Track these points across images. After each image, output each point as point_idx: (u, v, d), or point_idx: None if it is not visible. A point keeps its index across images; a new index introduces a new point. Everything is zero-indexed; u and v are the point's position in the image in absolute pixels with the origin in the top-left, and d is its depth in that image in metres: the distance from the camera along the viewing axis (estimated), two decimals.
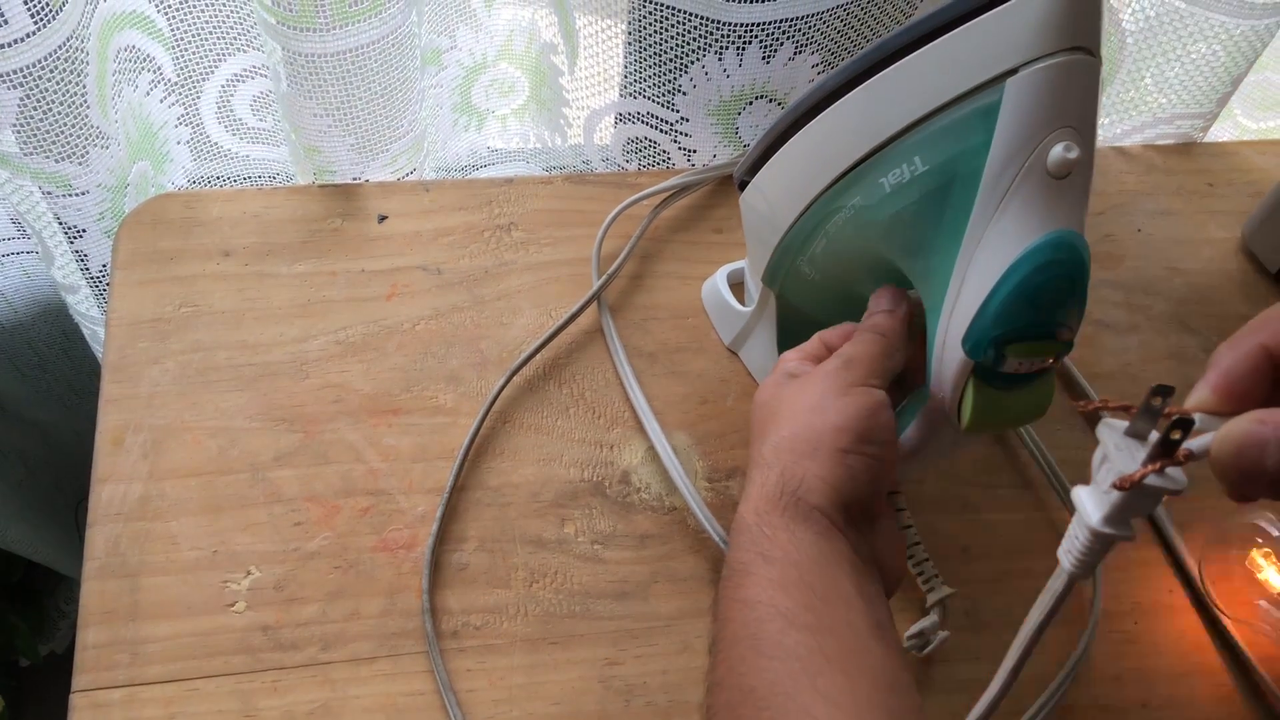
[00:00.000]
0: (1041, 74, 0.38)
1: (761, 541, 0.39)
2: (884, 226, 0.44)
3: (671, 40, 0.61)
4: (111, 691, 0.48)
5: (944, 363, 0.42)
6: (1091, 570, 0.36)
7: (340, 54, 0.56)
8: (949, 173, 0.40)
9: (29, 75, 0.52)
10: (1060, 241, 0.39)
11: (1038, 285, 0.39)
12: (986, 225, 0.40)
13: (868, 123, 0.43)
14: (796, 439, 0.41)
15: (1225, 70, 0.69)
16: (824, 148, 0.45)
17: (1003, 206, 0.39)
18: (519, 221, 0.64)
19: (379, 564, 0.52)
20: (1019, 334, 0.40)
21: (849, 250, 0.47)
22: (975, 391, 0.42)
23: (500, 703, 0.50)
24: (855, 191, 0.44)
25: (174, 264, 0.60)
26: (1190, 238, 0.70)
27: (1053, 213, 0.39)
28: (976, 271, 0.40)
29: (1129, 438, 0.35)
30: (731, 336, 0.60)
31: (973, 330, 0.40)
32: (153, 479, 0.53)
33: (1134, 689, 0.53)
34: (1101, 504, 0.34)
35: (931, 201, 0.41)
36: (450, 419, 0.57)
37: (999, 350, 0.40)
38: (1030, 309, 0.39)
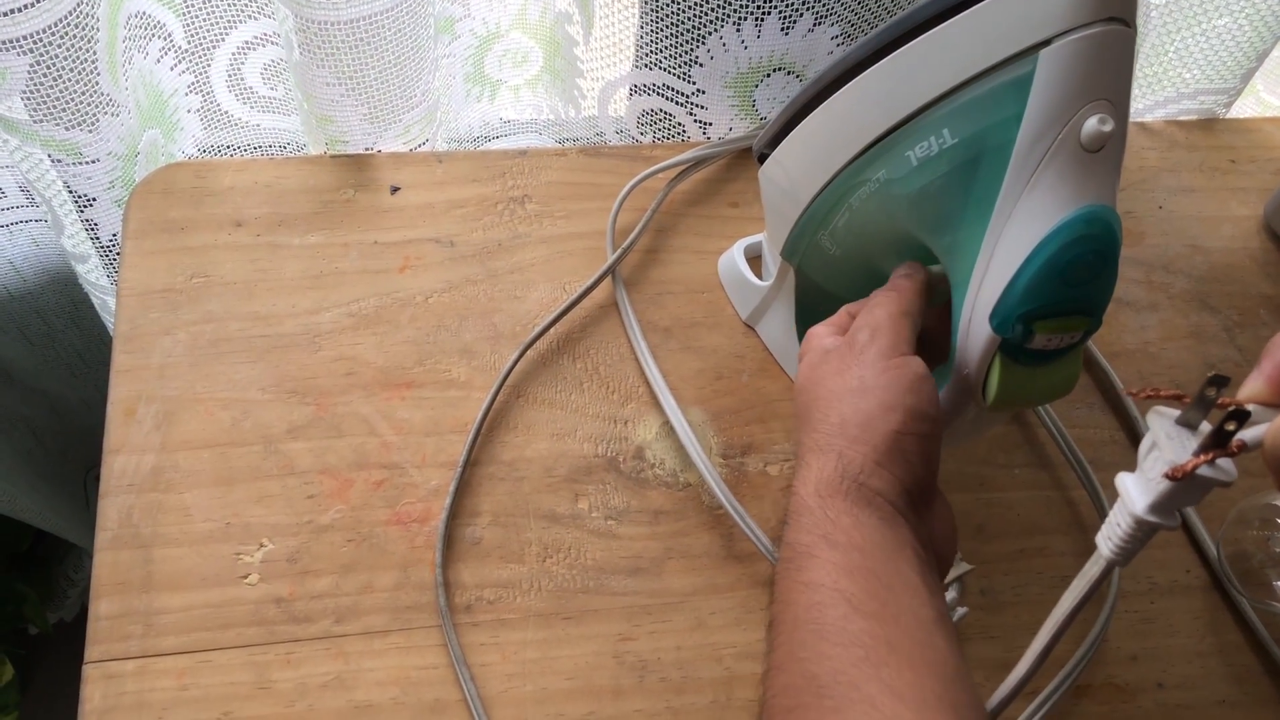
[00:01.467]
0: (1076, 45, 0.37)
1: (824, 524, 0.38)
2: (910, 200, 0.43)
3: (689, 11, 0.60)
4: (124, 663, 0.48)
5: (970, 338, 0.42)
6: (1131, 558, 0.36)
7: (353, 21, 0.55)
8: (979, 146, 0.40)
9: (39, 41, 0.51)
10: (1093, 216, 0.38)
11: (1069, 261, 0.38)
12: (1017, 199, 0.39)
13: (895, 94, 0.42)
14: (847, 424, 0.40)
15: (1250, 45, 0.68)
16: (849, 120, 0.44)
17: (1034, 180, 0.38)
18: (532, 194, 0.63)
19: (392, 537, 0.52)
20: (1048, 310, 0.39)
21: (872, 225, 0.46)
22: (1001, 368, 0.41)
23: (513, 677, 0.49)
24: (881, 165, 0.43)
25: (185, 234, 0.59)
26: (1212, 215, 0.69)
27: (1085, 186, 0.38)
28: (1006, 246, 0.39)
29: (1180, 427, 0.34)
30: (749, 311, 0.60)
31: (1000, 306, 0.40)
32: (165, 450, 0.53)
33: (1150, 668, 0.53)
34: (1148, 492, 0.34)
35: (960, 175, 0.40)
36: (464, 393, 0.56)
37: (1027, 326, 0.39)
38: (1061, 285, 0.39)
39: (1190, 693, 0.53)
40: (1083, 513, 0.57)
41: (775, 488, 0.56)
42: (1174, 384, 0.62)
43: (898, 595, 0.36)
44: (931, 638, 0.35)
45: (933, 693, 0.33)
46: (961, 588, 0.52)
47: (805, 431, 0.42)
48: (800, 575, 0.38)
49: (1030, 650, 0.38)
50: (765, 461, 0.56)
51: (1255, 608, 0.55)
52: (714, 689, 0.50)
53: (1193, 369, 0.62)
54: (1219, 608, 0.55)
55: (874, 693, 0.33)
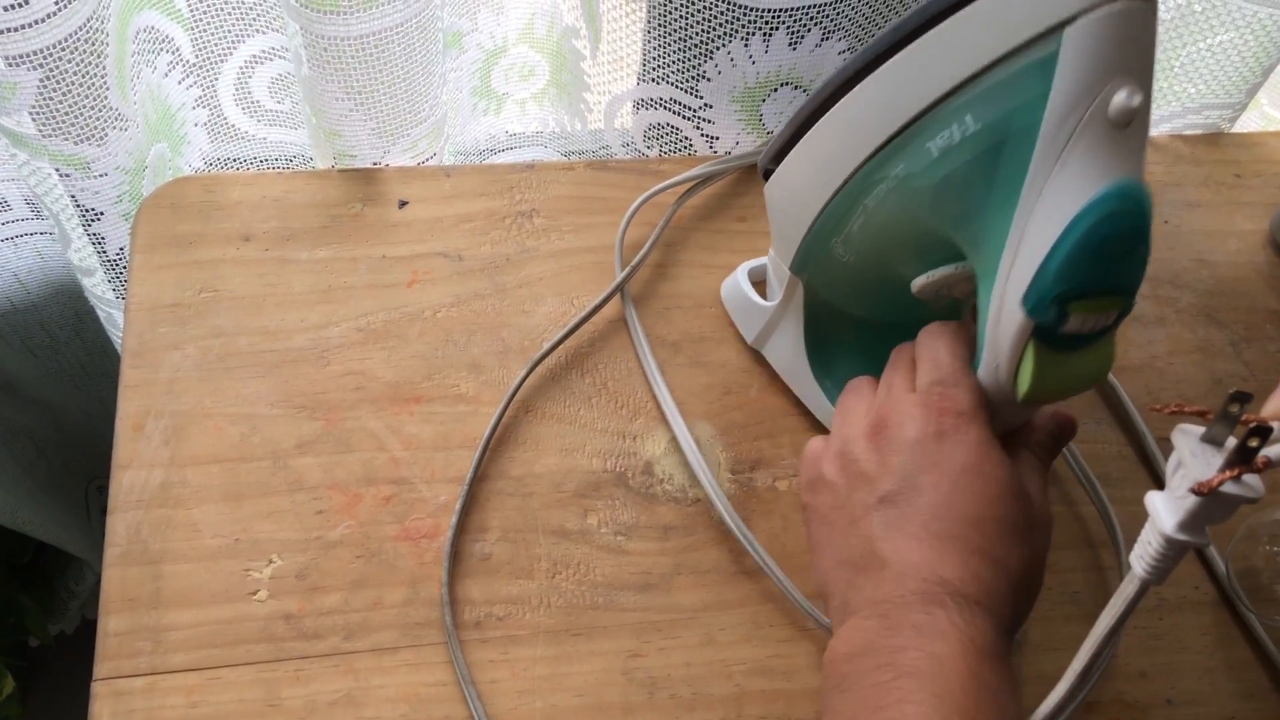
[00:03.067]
0: (1101, 20, 0.36)
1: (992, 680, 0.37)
2: (931, 193, 0.42)
3: (696, 26, 0.60)
4: (133, 680, 0.48)
5: (1000, 328, 0.40)
6: (1165, 576, 0.36)
7: (363, 37, 0.55)
8: (1004, 129, 0.39)
9: (49, 56, 0.51)
10: (1125, 191, 0.37)
11: (1103, 236, 0.37)
12: (1046, 179, 0.38)
13: (912, 87, 0.41)
14: (969, 533, 0.39)
15: (1255, 60, 0.68)
16: (862, 119, 0.44)
17: (1063, 159, 0.37)
18: (540, 208, 0.63)
19: (401, 553, 0.52)
20: (1083, 290, 0.38)
21: (890, 224, 0.45)
22: (1035, 356, 0.40)
23: (523, 694, 0.49)
24: (899, 160, 0.43)
25: (193, 248, 0.59)
26: (1217, 229, 0.69)
27: (1115, 162, 0.37)
28: (1036, 227, 0.38)
29: (1205, 444, 0.34)
30: (755, 334, 0.59)
31: (1034, 288, 0.39)
32: (174, 466, 0.53)
33: (1159, 684, 0.53)
34: (1176, 510, 0.34)
35: (984, 161, 0.40)
36: (472, 407, 0.56)
37: (1062, 308, 0.38)
38: (1096, 262, 0.38)
39: (1199, 709, 0.53)
40: (1091, 528, 0.57)
41: (784, 503, 0.56)
42: (1182, 399, 0.62)
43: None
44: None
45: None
46: None
47: (909, 508, 0.41)
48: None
49: (1070, 670, 0.38)
50: (774, 476, 0.56)
51: (1264, 624, 0.55)
52: (724, 706, 0.50)
53: (1200, 384, 0.62)
54: (1228, 623, 0.55)
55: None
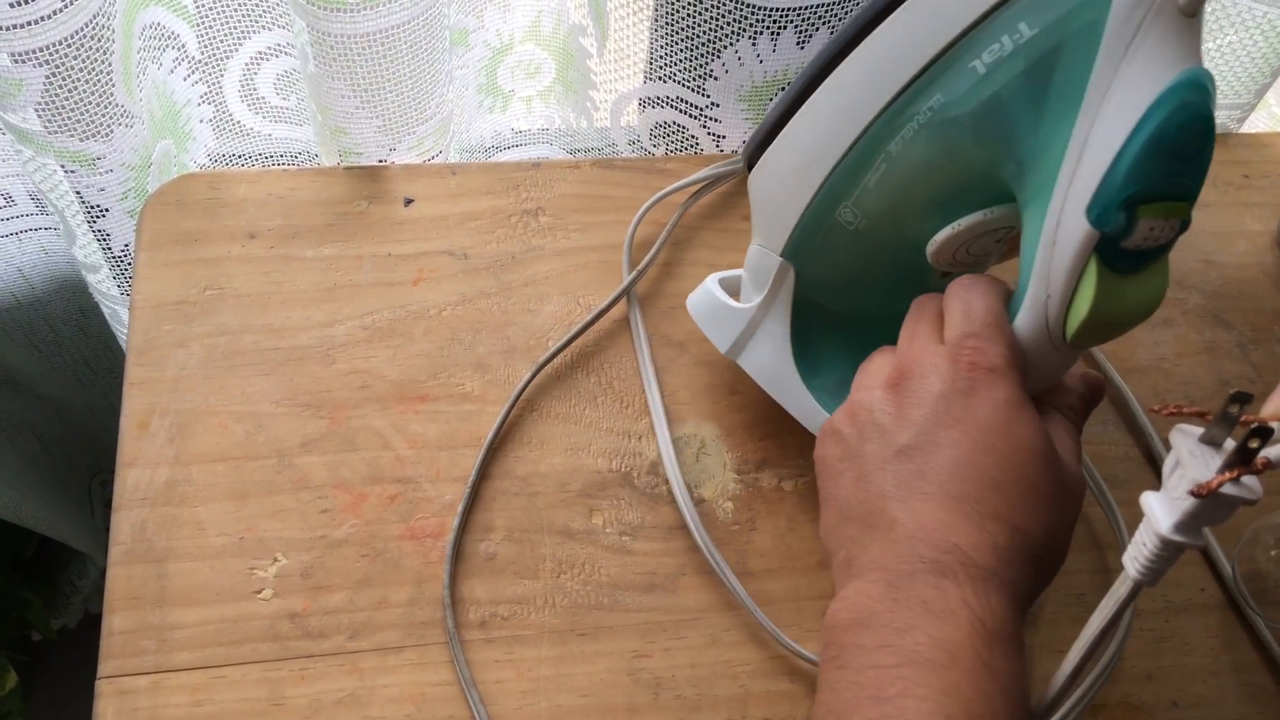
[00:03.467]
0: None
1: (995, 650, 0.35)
2: (974, 118, 0.40)
3: (704, 24, 0.60)
4: (138, 678, 0.48)
5: (1058, 250, 0.38)
6: (1159, 578, 0.35)
7: (369, 35, 0.55)
8: (1063, 29, 0.37)
9: (55, 53, 0.51)
10: (1195, 80, 0.36)
11: (1178, 127, 0.36)
12: (1113, 75, 0.36)
13: (951, 7, 0.39)
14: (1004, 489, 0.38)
15: (1264, 60, 0.67)
16: (888, 56, 0.41)
17: (1130, 53, 0.36)
18: (546, 206, 0.63)
19: (406, 552, 0.52)
20: (1154, 191, 0.37)
21: (917, 171, 0.43)
22: (1096, 277, 0.38)
23: (528, 694, 0.49)
24: (935, 89, 0.40)
25: (198, 246, 0.59)
26: (1225, 230, 0.69)
27: (1186, 51, 0.36)
28: (1104, 128, 0.37)
29: (1204, 444, 0.34)
30: (730, 342, 0.54)
31: (1101, 194, 0.37)
32: (179, 464, 0.53)
33: (1165, 687, 0.53)
34: (1173, 511, 0.34)
35: (1040, 69, 0.38)
36: (477, 407, 0.56)
37: (1131, 213, 0.37)
38: (1169, 158, 0.36)
39: (1205, 711, 0.53)
40: (1098, 530, 0.57)
41: (790, 503, 0.55)
42: (1188, 400, 0.62)
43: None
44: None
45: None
46: None
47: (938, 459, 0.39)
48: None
49: (1060, 672, 0.37)
50: (780, 477, 0.56)
51: (1270, 627, 0.55)
52: (729, 707, 0.50)
53: (1207, 385, 0.62)
54: (1234, 627, 0.55)
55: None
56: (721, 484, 0.56)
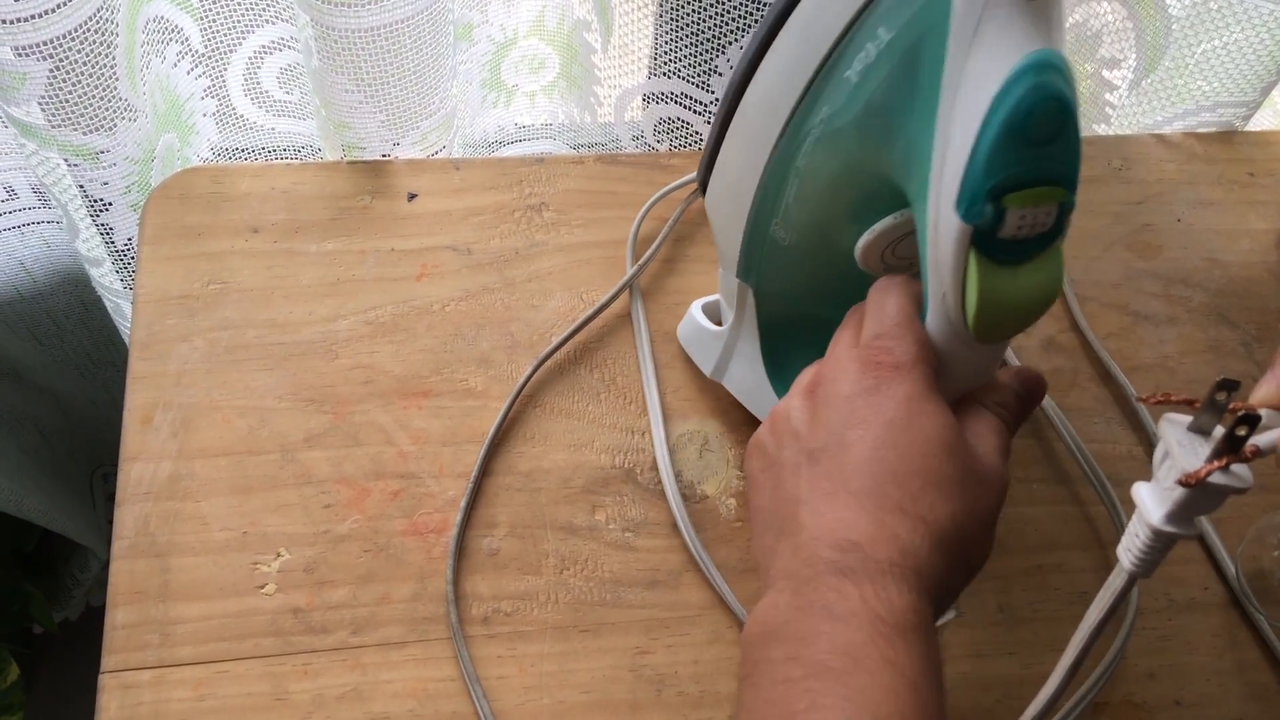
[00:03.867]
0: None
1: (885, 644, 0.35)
2: (857, 126, 0.40)
3: (708, 20, 0.60)
4: (141, 672, 0.48)
5: (939, 246, 0.38)
6: (1153, 569, 0.35)
7: (374, 29, 0.55)
8: (916, 29, 0.37)
9: (58, 47, 0.51)
10: (1042, 61, 0.35)
11: (1026, 112, 0.35)
12: (962, 67, 0.36)
13: (820, 27, 0.39)
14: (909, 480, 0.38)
15: (1270, 58, 0.67)
16: (776, 83, 0.42)
17: (975, 42, 0.35)
18: (550, 202, 0.63)
19: (409, 548, 0.52)
20: (1016, 179, 0.36)
21: (824, 182, 0.44)
22: (978, 271, 0.38)
23: (530, 690, 0.49)
24: (821, 103, 0.41)
25: (202, 240, 0.59)
26: (1230, 228, 0.69)
27: (1030, 34, 0.35)
28: (959, 121, 0.36)
29: (1192, 433, 0.34)
30: (712, 365, 0.56)
31: (965, 187, 0.36)
32: (182, 458, 0.53)
33: (1168, 686, 0.53)
34: (1164, 501, 0.34)
35: (902, 69, 0.38)
36: (481, 402, 0.56)
37: (997, 205, 0.36)
38: (1024, 144, 0.36)
39: (1208, 710, 0.53)
40: (1101, 528, 0.57)
41: None
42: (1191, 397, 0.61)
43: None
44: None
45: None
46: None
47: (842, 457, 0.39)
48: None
49: (1059, 667, 0.37)
50: None
51: (1273, 626, 0.55)
52: (731, 703, 0.50)
53: (1211, 383, 0.62)
54: (1237, 625, 0.55)
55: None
56: (725, 481, 0.56)
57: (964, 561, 0.38)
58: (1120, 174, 0.70)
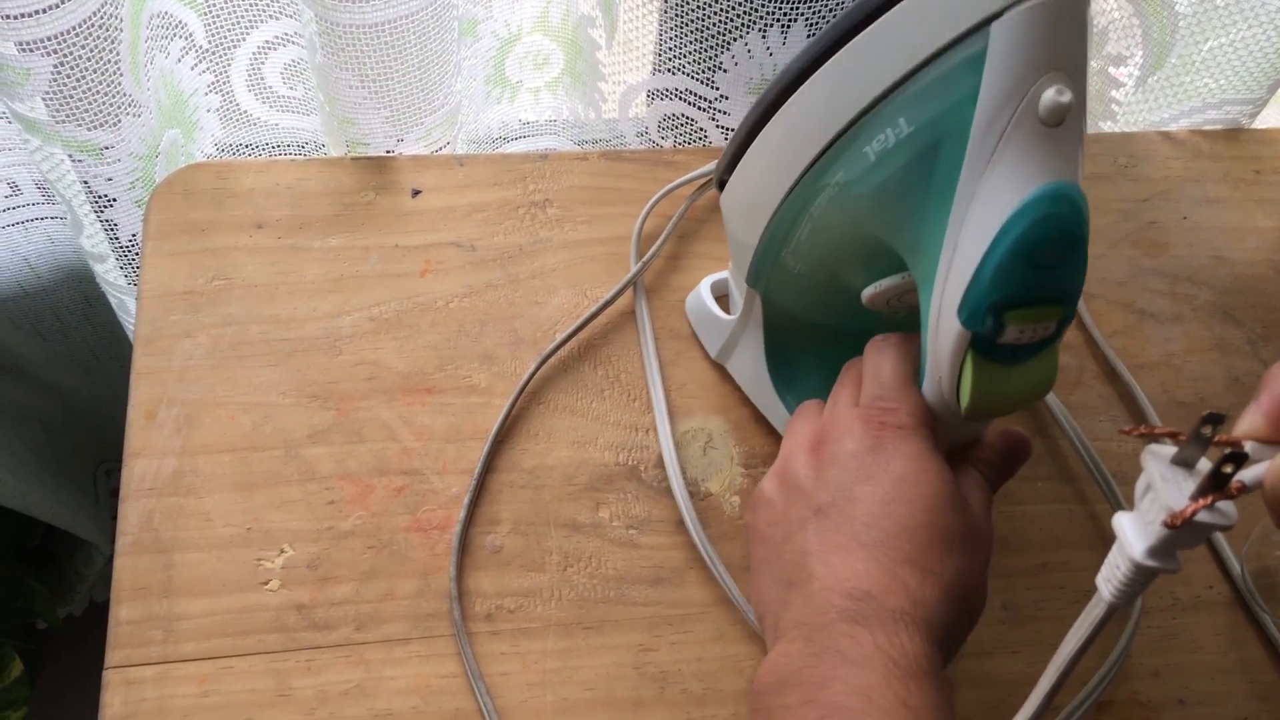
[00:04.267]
0: (1028, 14, 0.35)
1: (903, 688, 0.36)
2: (871, 200, 0.41)
3: (713, 16, 0.60)
4: (144, 668, 0.48)
5: (939, 339, 0.40)
6: (1133, 600, 0.34)
7: (378, 25, 0.55)
8: (936, 131, 0.38)
9: (63, 42, 0.51)
10: (1058, 193, 0.36)
11: (1036, 241, 0.36)
12: (978, 182, 0.37)
13: (847, 91, 0.40)
14: (902, 538, 0.39)
15: (1278, 55, 0.67)
16: (802, 126, 0.42)
17: (994, 160, 0.36)
18: (554, 198, 0.63)
19: (413, 544, 0.52)
20: (1018, 298, 0.37)
21: (835, 233, 0.44)
22: (974, 368, 0.39)
23: (534, 686, 0.49)
24: (839, 166, 0.41)
25: (206, 235, 0.59)
26: (1236, 226, 0.68)
27: (1048, 163, 0.36)
28: (969, 234, 0.37)
29: (1175, 466, 0.33)
30: (718, 348, 0.57)
31: (969, 297, 0.38)
32: (186, 454, 0.53)
33: (1173, 684, 0.53)
34: (1146, 535, 0.33)
35: (919, 165, 0.39)
36: (484, 399, 0.56)
37: (998, 318, 0.37)
38: (1029, 269, 0.37)
39: (1212, 709, 0.53)
40: (1105, 527, 0.57)
41: None
42: (1198, 397, 0.61)
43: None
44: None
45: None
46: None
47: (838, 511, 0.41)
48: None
49: (1033, 696, 0.36)
50: None
51: (1278, 624, 0.55)
52: (735, 701, 0.50)
53: (1216, 381, 0.62)
54: (1242, 624, 0.55)
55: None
56: (729, 478, 0.56)
57: (967, 612, 0.40)
58: (1126, 171, 0.69)
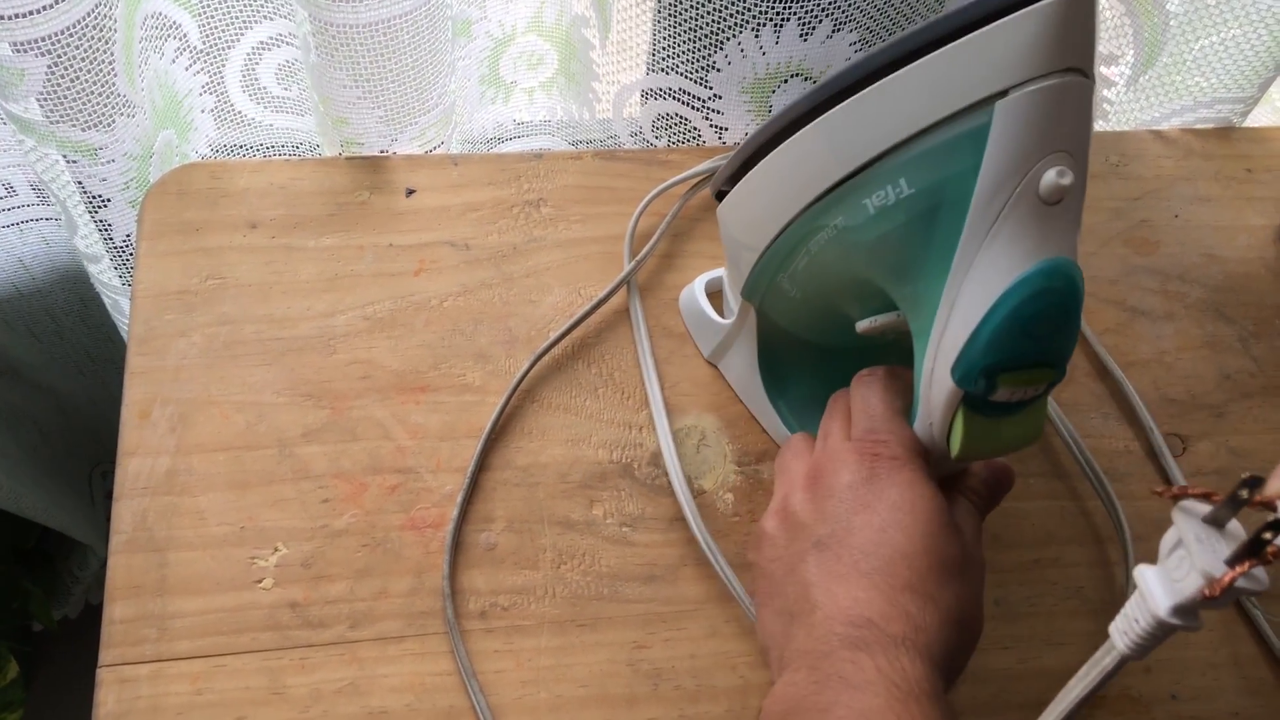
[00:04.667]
0: (1033, 96, 0.36)
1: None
2: (869, 248, 0.42)
3: (706, 16, 0.60)
4: (138, 666, 0.48)
5: (932, 391, 0.41)
6: (1147, 653, 0.35)
7: (372, 25, 0.55)
8: (936, 196, 0.39)
9: (57, 42, 0.51)
10: (1054, 269, 0.38)
11: (1031, 314, 0.38)
12: (976, 252, 0.38)
13: (851, 141, 0.41)
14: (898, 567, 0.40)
15: (1268, 53, 0.67)
16: (805, 164, 0.43)
17: (993, 233, 0.38)
18: (548, 197, 0.63)
19: (407, 542, 0.52)
20: (1011, 363, 0.39)
21: (832, 270, 0.45)
22: (965, 420, 0.41)
23: (527, 684, 0.49)
24: (838, 212, 0.42)
25: (200, 235, 0.59)
26: (1227, 224, 0.69)
27: (1045, 240, 0.38)
28: (966, 299, 0.39)
29: (1207, 525, 0.34)
30: (711, 349, 0.58)
31: (962, 359, 0.39)
32: (180, 453, 0.53)
33: (1164, 680, 0.53)
34: (1172, 594, 0.33)
35: (918, 225, 0.40)
36: (478, 397, 0.56)
37: (990, 380, 0.39)
38: (1023, 338, 0.38)
39: (1204, 705, 0.53)
40: (1098, 523, 0.57)
41: None
42: (1189, 394, 0.61)
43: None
44: None
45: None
46: None
47: (837, 546, 0.41)
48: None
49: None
50: None
51: (1270, 620, 0.55)
52: (729, 697, 0.50)
53: (1208, 379, 0.62)
54: (1233, 620, 0.55)
55: None
56: (722, 475, 0.56)
57: (966, 638, 0.41)
58: (1118, 170, 0.70)
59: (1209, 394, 0.62)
